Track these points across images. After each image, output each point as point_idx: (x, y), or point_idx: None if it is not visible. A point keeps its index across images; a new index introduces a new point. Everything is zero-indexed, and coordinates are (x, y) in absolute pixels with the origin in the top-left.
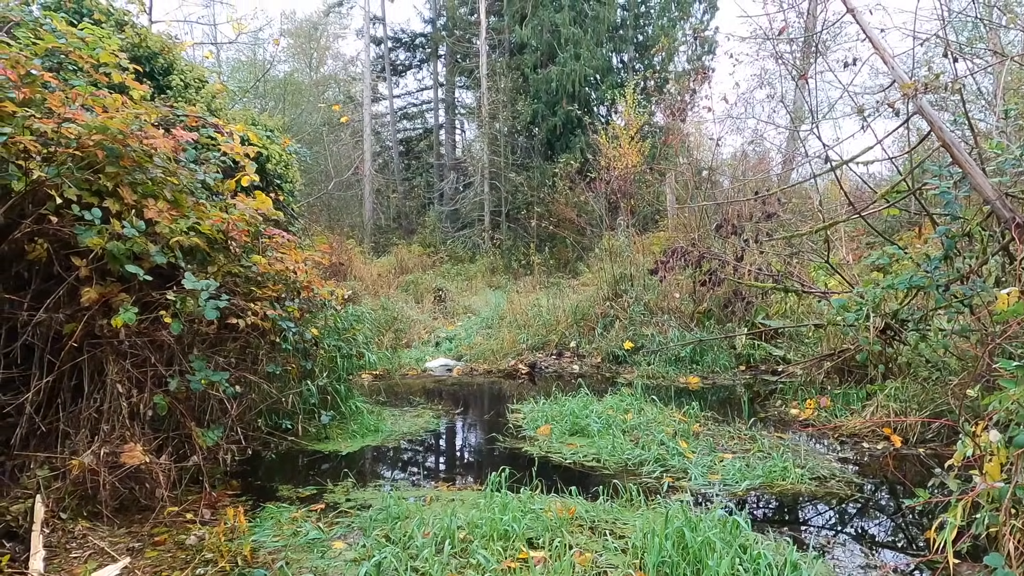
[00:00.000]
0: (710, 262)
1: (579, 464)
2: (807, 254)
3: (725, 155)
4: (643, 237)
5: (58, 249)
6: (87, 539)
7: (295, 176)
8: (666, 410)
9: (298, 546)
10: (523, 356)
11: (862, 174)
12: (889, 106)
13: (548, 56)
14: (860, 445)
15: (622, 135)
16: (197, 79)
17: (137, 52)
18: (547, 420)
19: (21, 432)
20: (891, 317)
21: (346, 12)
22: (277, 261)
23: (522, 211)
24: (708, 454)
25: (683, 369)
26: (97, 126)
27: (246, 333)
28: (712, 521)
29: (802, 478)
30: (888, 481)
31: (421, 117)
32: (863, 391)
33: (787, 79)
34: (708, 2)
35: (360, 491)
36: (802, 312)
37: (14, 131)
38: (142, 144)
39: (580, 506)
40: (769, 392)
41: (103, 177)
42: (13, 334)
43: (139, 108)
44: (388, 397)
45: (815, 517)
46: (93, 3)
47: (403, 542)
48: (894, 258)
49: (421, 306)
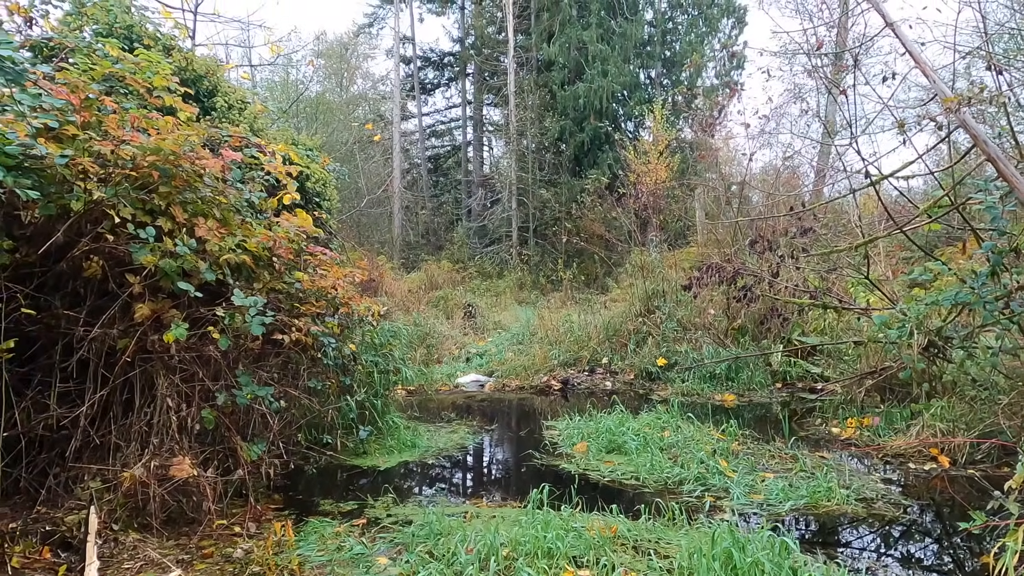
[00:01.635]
0: (744, 278)
1: (618, 482)
2: (844, 270)
3: (755, 170)
4: (673, 252)
5: (112, 266)
6: (138, 550)
7: (333, 194)
8: (703, 428)
9: (343, 561)
10: (555, 372)
11: (897, 189)
12: (931, 120)
13: (576, 73)
14: (906, 465)
15: (651, 151)
16: (240, 100)
17: (184, 75)
18: (583, 437)
19: (75, 444)
20: (935, 334)
21: (376, 33)
22: (320, 278)
23: (550, 227)
24: (749, 473)
25: (718, 386)
26: (151, 148)
27: (288, 348)
28: (760, 542)
29: (847, 499)
30: (936, 503)
31: (449, 134)
32: (907, 410)
33: (819, 93)
34: (736, 17)
35: (400, 507)
36: (841, 329)
37: (75, 153)
38: (192, 164)
39: (622, 525)
40: (807, 410)
41: (156, 197)
42: (69, 349)
43: (189, 129)
44: (421, 412)
45: (861, 539)
46: (142, 29)
47: (447, 559)
48: (936, 274)
49: (451, 322)
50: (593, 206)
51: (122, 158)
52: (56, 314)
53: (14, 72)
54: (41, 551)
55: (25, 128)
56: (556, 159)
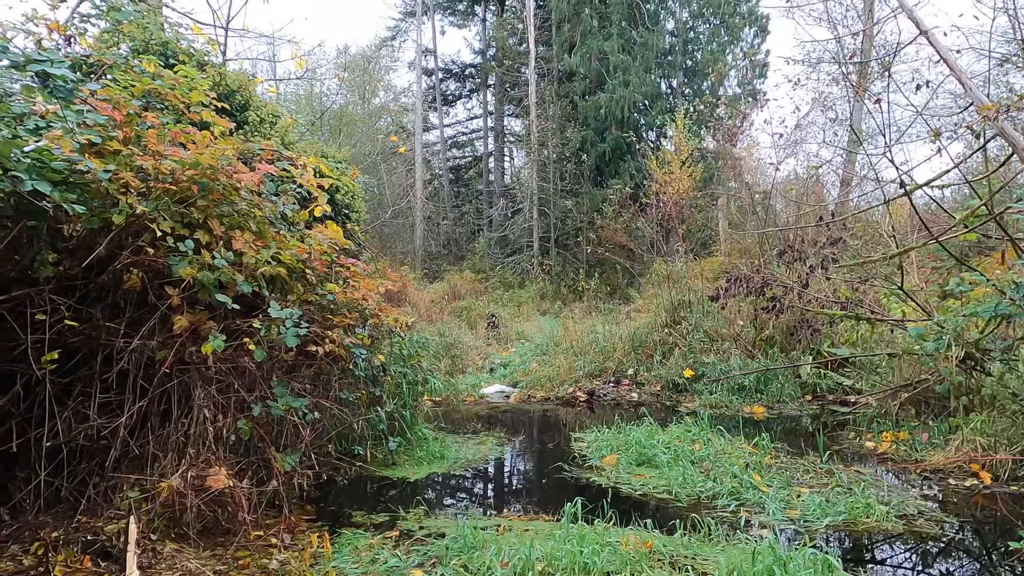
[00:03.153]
0: (773, 288)
1: (650, 496)
2: (876, 280)
3: (779, 179)
4: (698, 262)
5: (151, 279)
6: (176, 560)
7: (361, 206)
8: (734, 441)
9: (378, 573)
10: (580, 383)
11: (925, 199)
12: (968, 128)
13: (597, 83)
14: (946, 481)
15: (673, 160)
16: (271, 114)
17: (217, 90)
18: (612, 449)
19: (115, 454)
20: (973, 346)
21: (398, 45)
22: (352, 289)
23: (571, 237)
24: (784, 488)
25: (747, 398)
26: (191, 162)
27: (320, 360)
28: (803, 559)
29: (887, 516)
30: (977, 520)
31: (471, 145)
32: (944, 424)
33: (846, 101)
34: (759, 26)
35: (432, 519)
36: (873, 341)
37: (118, 168)
38: (229, 178)
39: (657, 540)
40: (839, 423)
41: (194, 210)
42: (109, 360)
43: (226, 144)
44: (448, 423)
45: (901, 557)
46: (176, 46)
47: (482, 572)
48: (973, 285)
49: (474, 332)
50: (615, 216)
51: (162, 172)
52: (97, 326)
53: (65, 90)
54: (83, 560)
55: (70, 144)
56: (577, 169)
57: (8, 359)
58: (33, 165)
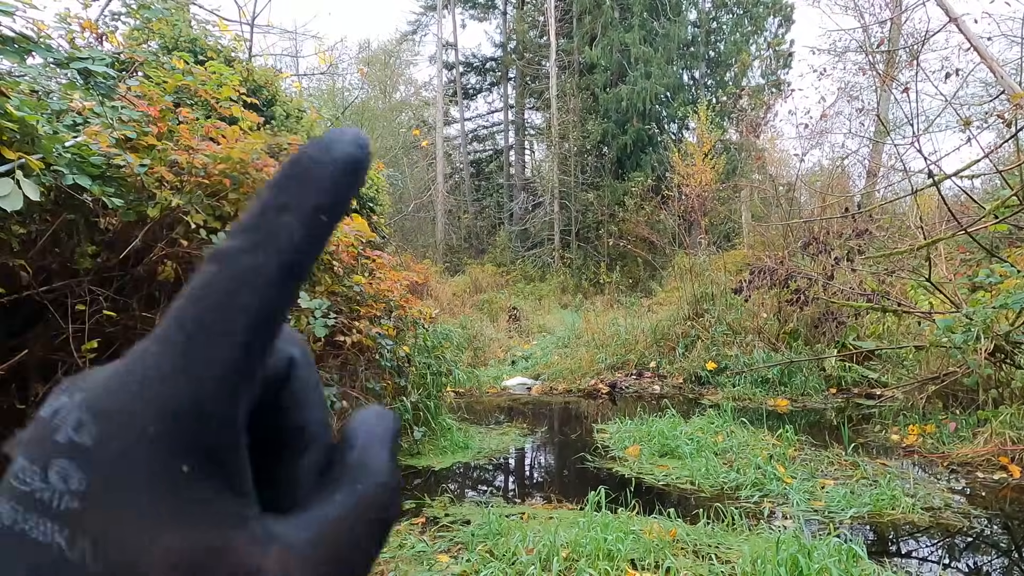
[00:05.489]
0: (797, 281)
1: (673, 486)
2: (903, 272)
3: (803, 170)
4: (720, 254)
5: (185, 270)
6: None
7: (385, 199)
8: (758, 433)
9: (406, 558)
10: (602, 376)
11: (955, 189)
12: (999, 117)
13: (618, 75)
14: (973, 474)
15: (695, 152)
16: (297, 109)
17: (245, 86)
18: (635, 441)
19: None
20: (1003, 338)
21: (419, 39)
22: (378, 281)
23: (592, 230)
24: (808, 480)
25: (771, 391)
26: (222, 156)
27: (347, 350)
28: (827, 549)
29: (913, 508)
30: (1005, 514)
31: (491, 139)
32: (972, 417)
33: (869, 91)
34: (783, 15)
35: (457, 506)
36: (900, 333)
37: (153, 162)
38: (259, 172)
39: (680, 529)
40: (863, 416)
41: (226, 203)
42: None
43: (255, 138)
44: (471, 414)
45: (926, 549)
46: (204, 42)
47: (507, 558)
48: (1004, 276)
49: (496, 325)
50: (637, 208)
51: (195, 167)
52: (134, 316)
53: (106, 87)
54: None
55: (107, 139)
56: (598, 162)
57: (50, 348)
58: (73, 160)
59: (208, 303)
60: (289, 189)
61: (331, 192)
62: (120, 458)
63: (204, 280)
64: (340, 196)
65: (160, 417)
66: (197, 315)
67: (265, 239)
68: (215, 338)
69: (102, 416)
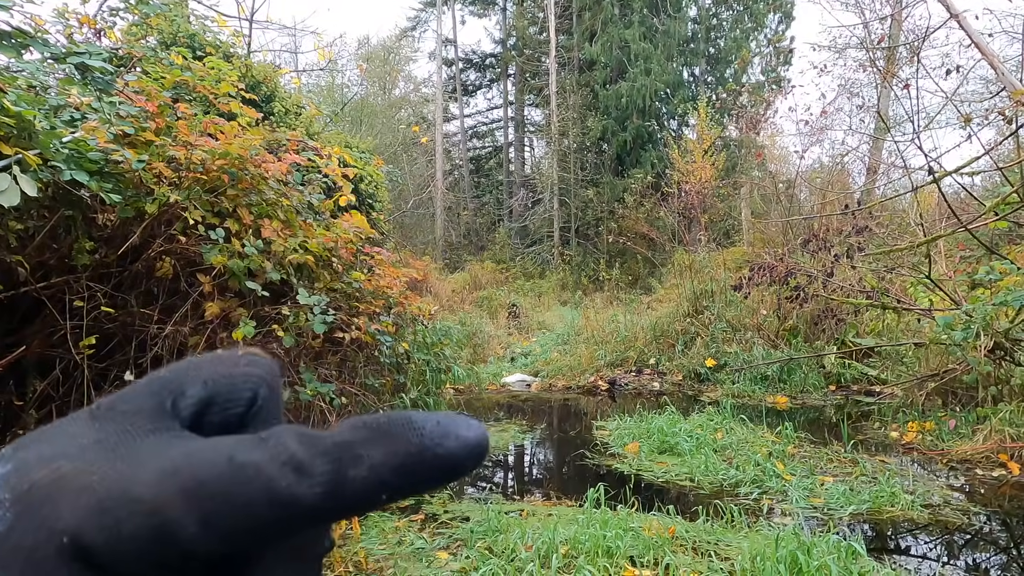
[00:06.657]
0: (797, 278)
1: (672, 483)
2: (903, 270)
3: (803, 167)
4: (720, 251)
5: (183, 267)
6: None
7: (384, 196)
8: (757, 430)
9: (405, 554)
10: (601, 373)
11: (955, 186)
12: (1000, 114)
13: (618, 72)
14: (972, 472)
15: (695, 149)
16: (295, 105)
17: (244, 81)
18: (634, 437)
19: None
20: (1003, 336)
21: (418, 36)
22: (378, 278)
23: (592, 227)
24: (807, 477)
25: (770, 388)
26: (220, 152)
27: (346, 346)
28: (827, 546)
29: (912, 505)
30: (1004, 511)
31: (491, 135)
32: (972, 414)
33: (870, 88)
34: (783, 12)
35: (456, 503)
36: (900, 330)
37: (151, 158)
38: (257, 168)
39: (680, 526)
40: (863, 413)
41: (224, 199)
42: (143, 346)
43: (254, 134)
44: (470, 411)
45: (925, 546)
46: (203, 38)
47: (506, 555)
48: (1004, 273)
49: (495, 322)
50: (637, 205)
51: (193, 162)
52: (132, 312)
53: (104, 82)
54: None
55: (105, 134)
56: (598, 159)
57: (48, 344)
58: (71, 155)
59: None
60: (384, 454)
61: (412, 484)
62: (27, 559)
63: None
64: (416, 490)
65: (79, 535)
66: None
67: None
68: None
69: (22, 504)
